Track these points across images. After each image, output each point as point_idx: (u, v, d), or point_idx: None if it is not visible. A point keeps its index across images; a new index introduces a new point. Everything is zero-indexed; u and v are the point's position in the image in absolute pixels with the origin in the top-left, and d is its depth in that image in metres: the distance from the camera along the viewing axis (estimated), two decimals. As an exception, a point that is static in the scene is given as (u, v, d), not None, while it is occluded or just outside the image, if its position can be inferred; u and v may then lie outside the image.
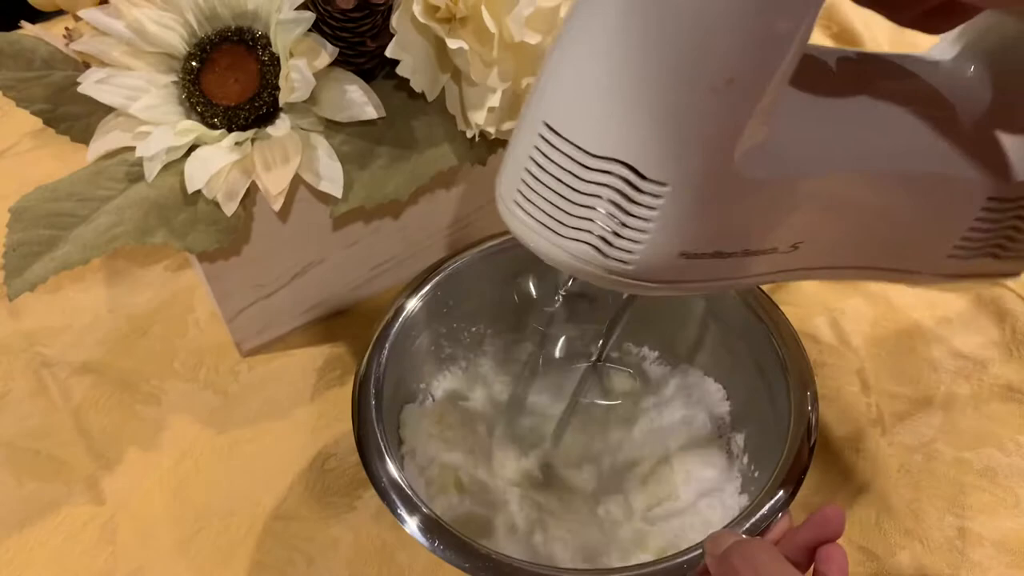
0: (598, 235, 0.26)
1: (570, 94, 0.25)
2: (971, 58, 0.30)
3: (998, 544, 0.41)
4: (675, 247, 0.26)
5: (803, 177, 0.27)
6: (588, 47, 0.25)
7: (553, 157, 0.25)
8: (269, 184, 0.40)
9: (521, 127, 0.27)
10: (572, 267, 0.27)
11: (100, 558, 0.42)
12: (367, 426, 0.36)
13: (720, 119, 0.24)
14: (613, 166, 0.24)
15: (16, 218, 0.40)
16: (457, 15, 0.40)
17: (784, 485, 0.34)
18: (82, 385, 0.49)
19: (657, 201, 0.25)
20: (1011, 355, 0.48)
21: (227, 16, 0.41)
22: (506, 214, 0.27)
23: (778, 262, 0.29)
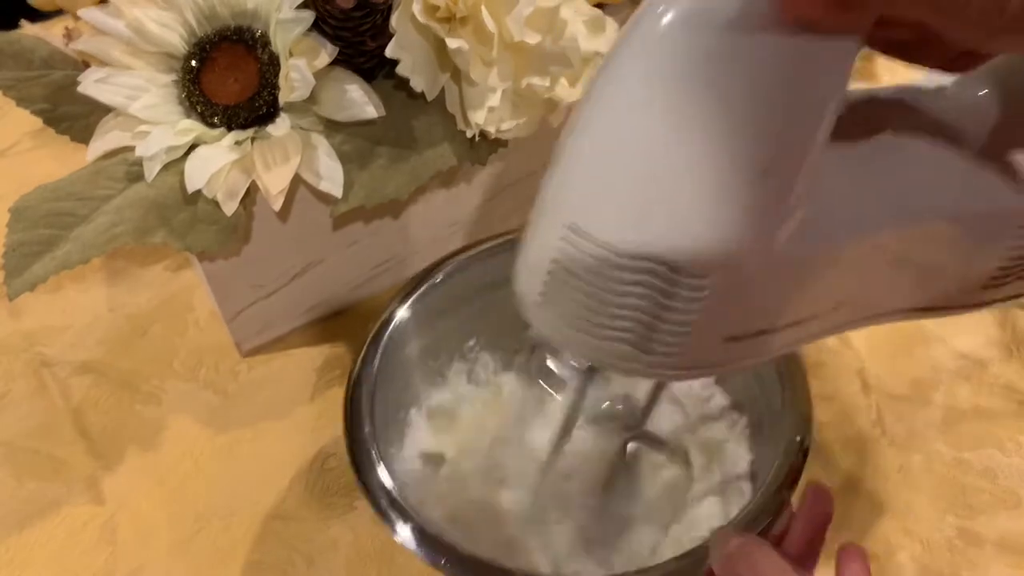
0: (637, 334, 0.24)
1: (592, 193, 0.23)
2: (981, 80, 0.29)
3: (998, 544, 0.41)
4: (719, 334, 0.25)
5: (844, 243, 0.25)
6: (605, 145, 0.23)
7: (579, 260, 0.23)
8: (269, 184, 0.40)
9: (539, 224, 0.25)
10: (610, 365, 0.25)
11: (100, 558, 0.42)
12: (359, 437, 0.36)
13: (757, 209, 0.22)
14: (647, 264, 0.23)
15: (16, 218, 0.40)
16: (457, 15, 0.40)
17: (779, 491, 0.34)
18: (82, 385, 0.49)
19: (697, 294, 0.23)
20: (1011, 355, 0.48)
21: (227, 15, 0.41)
22: (530, 315, 0.26)
23: (820, 324, 0.27)
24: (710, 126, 0.22)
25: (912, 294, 0.30)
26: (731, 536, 0.31)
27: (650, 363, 0.25)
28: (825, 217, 0.25)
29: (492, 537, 0.38)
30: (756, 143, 0.22)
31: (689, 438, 0.41)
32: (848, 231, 0.26)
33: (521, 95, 0.43)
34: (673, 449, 0.41)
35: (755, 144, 0.22)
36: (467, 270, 0.42)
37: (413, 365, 0.42)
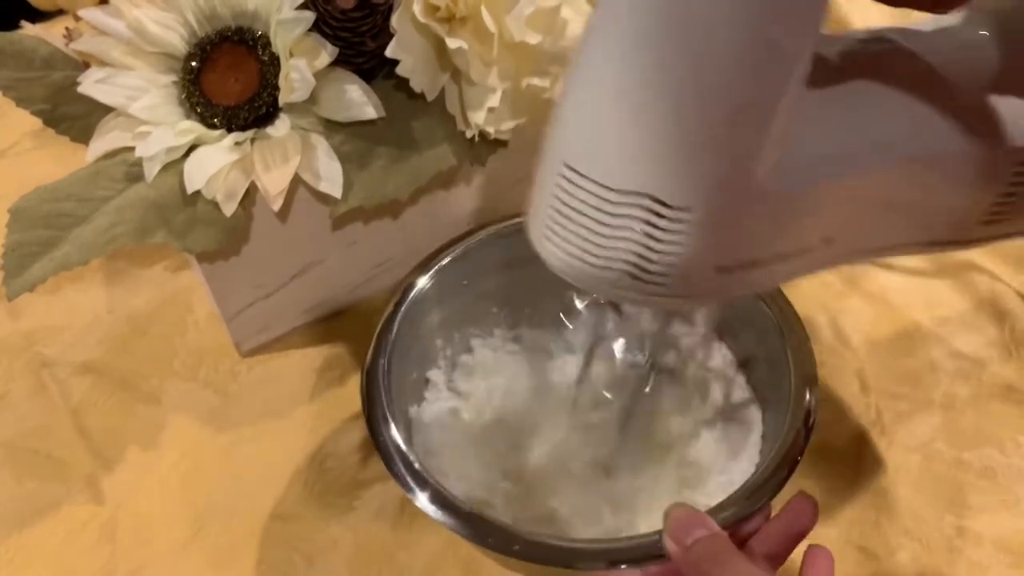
0: (631, 262, 0.26)
1: (586, 132, 0.25)
2: (980, 21, 0.29)
3: (998, 544, 0.41)
4: (709, 263, 0.26)
5: (826, 180, 0.27)
6: (600, 84, 0.25)
7: (577, 195, 0.25)
8: (269, 184, 0.40)
9: (543, 166, 0.27)
10: (611, 293, 0.27)
11: (100, 558, 0.42)
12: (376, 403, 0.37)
13: (737, 144, 0.24)
14: (637, 199, 0.25)
15: (16, 218, 0.40)
16: (457, 15, 0.40)
17: (779, 467, 0.34)
18: (82, 385, 0.49)
19: (684, 226, 0.25)
20: (1011, 355, 0.48)
21: (227, 16, 0.41)
22: (539, 248, 0.28)
23: (813, 258, 0.29)
24: (688, 68, 0.23)
25: (907, 230, 0.30)
26: (692, 522, 0.30)
27: (646, 291, 0.26)
28: (807, 154, 0.26)
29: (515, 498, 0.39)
30: (732, 82, 0.23)
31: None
32: (832, 168, 0.27)
33: (521, 95, 0.43)
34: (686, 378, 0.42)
35: (731, 83, 0.23)
36: (489, 246, 0.43)
37: (433, 334, 0.43)
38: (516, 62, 0.42)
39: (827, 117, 0.27)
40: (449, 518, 0.33)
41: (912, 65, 0.28)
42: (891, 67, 0.28)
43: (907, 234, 0.30)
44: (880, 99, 0.28)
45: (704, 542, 0.29)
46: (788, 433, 0.35)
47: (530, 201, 0.28)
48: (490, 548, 0.33)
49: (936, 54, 0.29)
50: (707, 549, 0.29)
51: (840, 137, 0.27)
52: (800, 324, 0.39)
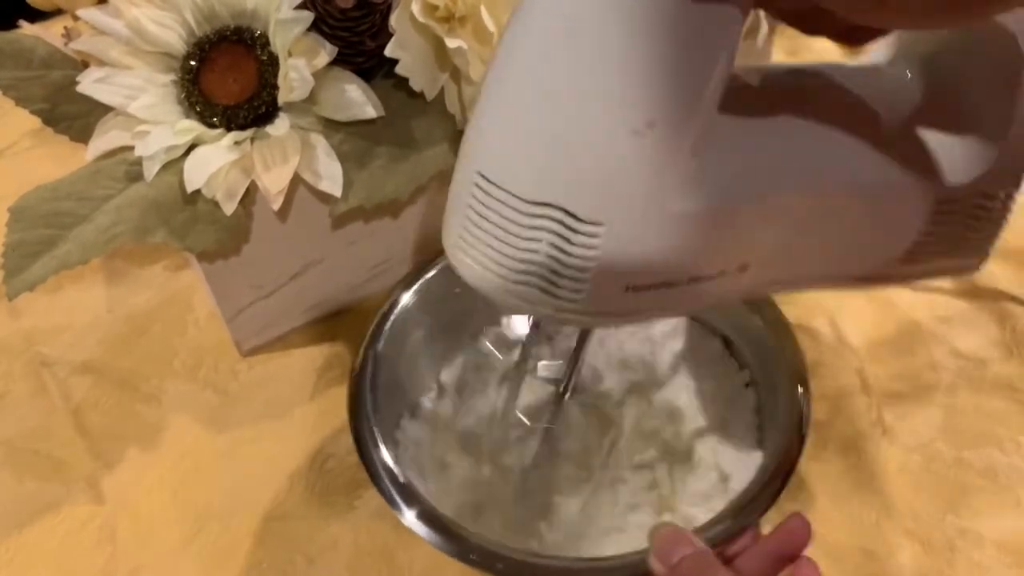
0: (543, 276, 0.26)
1: (498, 142, 0.25)
2: (907, 63, 0.30)
3: (998, 544, 0.41)
4: (620, 282, 0.26)
5: (738, 203, 0.26)
6: (511, 95, 0.25)
7: (489, 205, 0.25)
8: (268, 183, 0.40)
9: (457, 175, 0.27)
10: (523, 308, 0.27)
11: (100, 558, 0.42)
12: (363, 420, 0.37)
13: (645, 160, 0.24)
14: (548, 210, 0.25)
15: (16, 218, 0.40)
16: (456, 14, 0.40)
17: (772, 480, 0.34)
18: (82, 385, 0.49)
19: (595, 240, 0.25)
20: (1011, 355, 0.48)
21: (226, 15, 0.41)
22: (453, 260, 0.28)
23: (729, 283, 0.28)
24: (599, 82, 0.23)
25: (825, 263, 0.30)
26: (676, 541, 0.30)
27: (557, 307, 0.26)
28: (721, 177, 0.26)
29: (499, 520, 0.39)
30: (643, 98, 0.23)
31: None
32: (745, 193, 0.26)
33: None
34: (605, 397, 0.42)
35: (642, 100, 0.23)
36: None
37: (419, 351, 0.43)
38: (516, 61, 0.42)
39: (744, 142, 0.27)
40: (434, 535, 0.33)
41: (837, 98, 0.29)
42: (815, 98, 0.28)
43: (825, 267, 0.30)
44: (800, 129, 0.28)
45: (689, 559, 0.29)
46: (782, 443, 0.35)
47: (446, 214, 0.28)
48: (472, 565, 0.33)
49: (862, 90, 0.29)
50: (692, 565, 0.29)
51: (755, 163, 0.27)
52: (790, 332, 0.39)
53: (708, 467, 0.39)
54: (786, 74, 0.29)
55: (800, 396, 0.37)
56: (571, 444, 0.40)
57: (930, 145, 0.29)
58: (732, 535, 0.33)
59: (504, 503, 0.39)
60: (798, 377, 0.38)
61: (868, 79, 0.30)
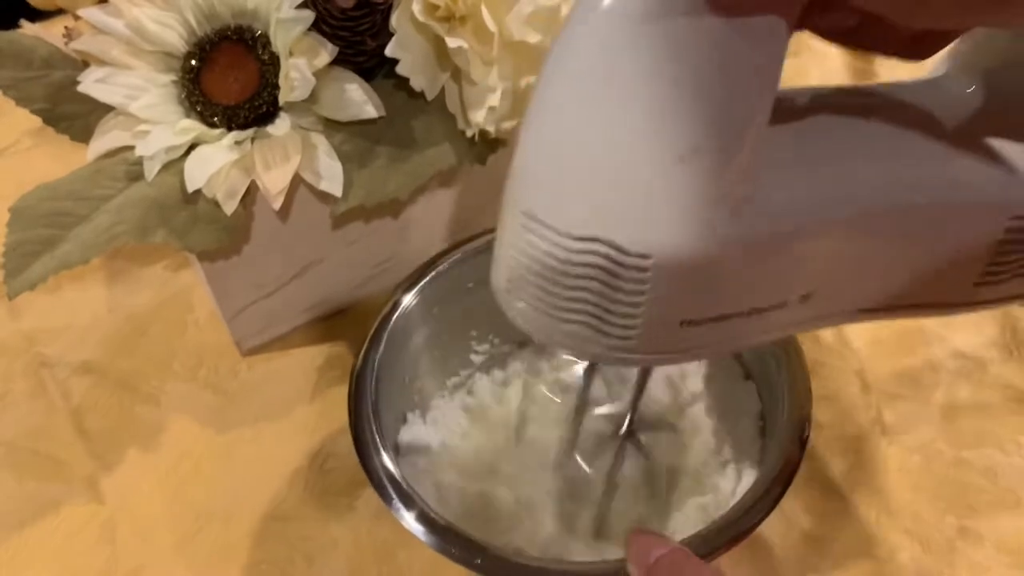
0: (593, 315, 0.25)
1: (542, 179, 0.25)
2: (968, 75, 0.29)
3: (998, 544, 0.41)
4: (674, 317, 0.25)
5: (795, 228, 0.25)
6: (551, 129, 0.24)
7: (535, 244, 0.25)
8: (269, 183, 0.40)
9: (503, 219, 0.26)
10: (575, 349, 0.26)
11: (100, 558, 0.42)
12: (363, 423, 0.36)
13: (691, 187, 0.23)
14: (595, 245, 0.24)
15: (16, 217, 0.40)
16: (457, 14, 0.40)
17: (774, 483, 0.34)
18: (82, 385, 0.49)
19: (644, 274, 0.24)
20: (1011, 355, 0.48)
21: (226, 15, 0.41)
22: (503, 304, 0.27)
23: (790, 315, 0.27)
24: (640, 109, 0.23)
25: (893, 289, 0.29)
26: (651, 543, 0.30)
27: (609, 346, 0.26)
28: (777, 202, 0.25)
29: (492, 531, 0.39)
30: (685, 124, 0.23)
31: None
32: (800, 217, 0.26)
33: (521, 95, 0.43)
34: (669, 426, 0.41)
35: (685, 125, 0.23)
36: (471, 260, 0.42)
37: (419, 353, 0.42)
38: (516, 61, 0.42)
39: (798, 165, 0.26)
40: (436, 539, 0.33)
41: (896, 113, 0.28)
42: (874, 114, 0.27)
43: (895, 295, 0.29)
44: (857, 147, 0.27)
45: (665, 558, 0.29)
46: (782, 452, 0.35)
47: (494, 255, 0.27)
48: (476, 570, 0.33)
49: (921, 104, 0.28)
50: (669, 564, 0.29)
51: (811, 186, 0.26)
52: (793, 338, 0.39)
53: (711, 477, 0.39)
54: (837, 93, 0.28)
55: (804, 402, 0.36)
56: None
57: (998, 159, 0.27)
58: (731, 541, 0.33)
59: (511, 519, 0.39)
60: (802, 385, 0.37)
61: (927, 94, 0.28)
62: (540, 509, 0.39)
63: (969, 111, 0.28)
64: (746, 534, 0.33)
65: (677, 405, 0.42)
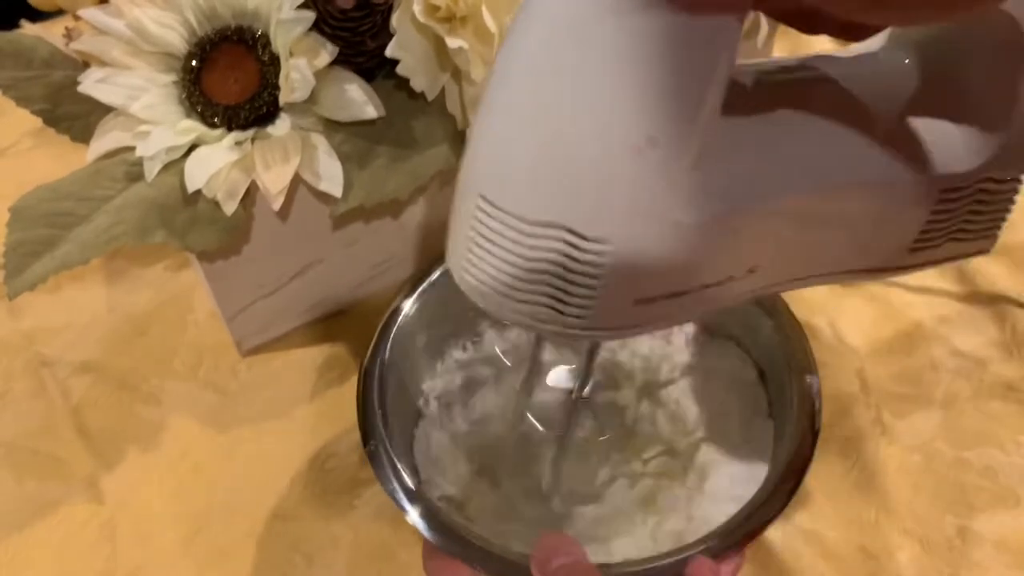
0: (550, 296, 0.25)
1: (498, 164, 0.25)
2: (904, 49, 0.29)
3: (998, 544, 0.41)
4: (628, 296, 0.26)
5: (743, 208, 0.26)
6: (508, 116, 0.25)
7: (492, 227, 0.25)
8: (269, 183, 0.40)
9: (458, 198, 0.26)
10: (531, 326, 0.27)
11: (100, 558, 0.42)
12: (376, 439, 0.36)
13: (647, 177, 0.24)
14: (552, 231, 0.24)
15: (16, 218, 0.40)
16: (457, 14, 0.40)
17: (786, 478, 0.34)
18: (82, 385, 0.49)
19: (601, 258, 0.25)
20: (1011, 355, 0.48)
21: (227, 15, 0.41)
22: (458, 281, 0.27)
23: (738, 287, 0.28)
24: (597, 100, 0.23)
25: (836, 257, 0.30)
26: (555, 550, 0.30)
27: (567, 324, 0.26)
28: (724, 185, 0.26)
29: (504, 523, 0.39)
30: (642, 115, 0.23)
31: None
32: (748, 197, 0.26)
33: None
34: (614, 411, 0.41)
35: (641, 116, 0.23)
36: None
37: (423, 354, 0.42)
38: (516, 62, 0.42)
39: (743, 145, 0.26)
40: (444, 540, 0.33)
41: (833, 92, 0.28)
42: (812, 94, 0.28)
43: (834, 263, 0.30)
44: (799, 126, 0.27)
45: (566, 569, 0.29)
46: (793, 445, 0.35)
47: (448, 234, 0.27)
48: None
49: (858, 80, 0.28)
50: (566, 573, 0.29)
51: (757, 165, 0.27)
52: (801, 330, 0.39)
53: (720, 471, 0.39)
54: (779, 70, 0.29)
55: (813, 394, 0.37)
56: (584, 448, 0.40)
57: (932, 133, 0.28)
58: (739, 542, 0.33)
59: (516, 509, 0.39)
60: (808, 379, 0.37)
61: (864, 68, 0.29)
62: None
63: (905, 84, 0.29)
64: (762, 529, 0.33)
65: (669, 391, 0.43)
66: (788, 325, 0.39)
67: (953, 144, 0.28)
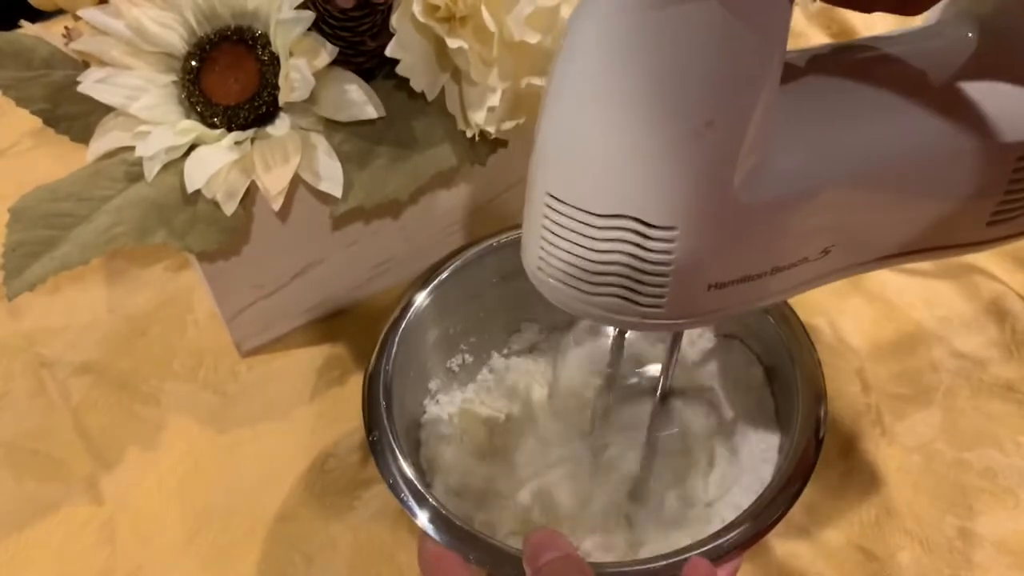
0: (624, 287, 0.26)
1: (563, 160, 0.26)
2: (965, 23, 0.29)
3: (998, 544, 0.41)
4: (701, 282, 0.26)
5: (810, 189, 0.27)
6: (569, 112, 0.25)
7: (563, 223, 0.26)
8: (269, 184, 0.40)
9: (528, 198, 0.27)
10: (609, 319, 0.27)
11: (100, 558, 0.42)
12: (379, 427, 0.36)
13: (709, 160, 0.24)
14: (620, 221, 0.25)
15: (16, 218, 0.40)
16: (457, 14, 0.40)
17: (790, 482, 0.34)
18: (81, 385, 0.49)
19: (670, 245, 0.25)
20: (1011, 355, 0.48)
21: (227, 15, 0.41)
22: (535, 281, 0.28)
23: (813, 269, 0.28)
24: (654, 88, 0.24)
25: (909, 236, 0.30)
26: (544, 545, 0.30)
27: (642, 314, 0.27)
28: (789, 165, 0.26)
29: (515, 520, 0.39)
30: (699, 100, 0.24)
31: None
32: (813, 177, 0.27)
33: (521, 95, 0.43)
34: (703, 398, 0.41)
35: (699, 101, 0.24)
36: (483, 260, 0.42)
37: (429, 353, 0.42)
38: (516, 62, 0.42)
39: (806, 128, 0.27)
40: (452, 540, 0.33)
41: (894, 66, 0.29)
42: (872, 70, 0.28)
43: (910, 240, 0.30)
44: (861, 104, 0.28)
45: (556, 562, 0.29)
46: (799, 446, 0.35)
47: (523, 235, 0.28)
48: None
49: (919, 54, 0.29)
50: (557, 569, 0.29)
51: (821, 146, 0.27)
52: (806, 335, 0.39)
53: (726, 474, 0.39)
54: (835, 51, 0.29)
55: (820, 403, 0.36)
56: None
57: (1000, 101, 0.28)
58: (737, 547, 0.33)
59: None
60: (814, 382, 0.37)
61: (924, 42, 0.29)
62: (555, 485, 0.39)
63: (967, 56, 0.29)
64: (760, 536, 0.33)
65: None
66: (795, 327, 0.39)
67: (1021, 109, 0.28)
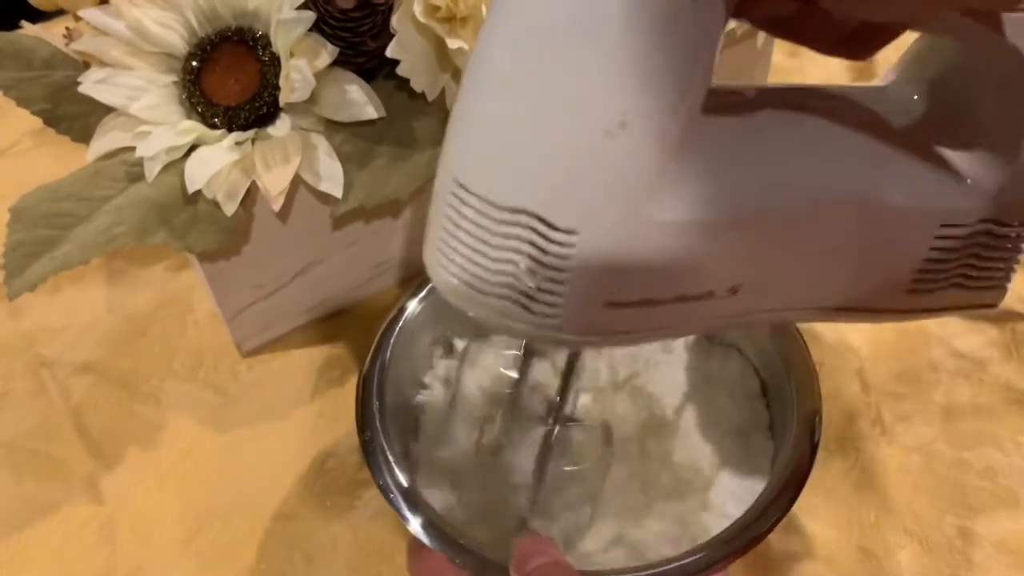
0: (520, 290, 0.24)
1: (473, 147, 0.24)
2: (913, 85, 0.29)
3: (998, 544, 0.41)
4: (599, 297, 0.25)
5: (722, 217, 0.25)
6: (484, 98, 0.24)
7: (465, 213, 0.24)
8: (269, 184, 0.40)
9: (436, 186, 0.26)
10: (502, 326, 0.26)
11: (100, 558, 0.42)
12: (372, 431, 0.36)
13: (620, 164, 0.23)
14: (522, 217, 0.23)
15: (16, 218, 0.40)
16: (458, 15, 0.40)
17: (785, 490, 0.34)
18: (81, 385, 0.49)
19: (570, 250, 0.24)
20: (1011, 355, 0.48)
21: (227, 16, 0.41)
22: (431, 273, 0.27)
23: (720, 307, 0.27)
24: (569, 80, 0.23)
25: (828, 289, 0.29)
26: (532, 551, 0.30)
27: (536, 324, 0.25)
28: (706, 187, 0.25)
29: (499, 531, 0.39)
30: (614, 98, 0.22)
31: None
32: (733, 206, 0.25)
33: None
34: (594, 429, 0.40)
35: (614, 99, 0.22)
36: None
37: (423, 354, 0.42)
38: (516, 62, 0.42)
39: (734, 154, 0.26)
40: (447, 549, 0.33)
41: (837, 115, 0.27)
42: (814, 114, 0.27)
43: (826, 295, 0.29)
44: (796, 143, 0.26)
45: (545, 568, 0.29)
46: (794, 454, 0.35)
47: (426, 228, 0.27)
48: None
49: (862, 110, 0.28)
50: (544, 573, 0.29)
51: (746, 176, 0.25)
52: (799, 337, 0.39)
53: (718, 485, 0.39)
54: (785, 90, 0.28)
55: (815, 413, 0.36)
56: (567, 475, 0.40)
57: (933, 164, 0.28)
58: (725, 557, 0.33)
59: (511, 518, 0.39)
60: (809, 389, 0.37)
61: (871, 98, 0.29)
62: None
63: (911, 118, 0.28)
64: (762, 538, 0.33)
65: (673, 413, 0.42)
66: (789, 335, 0.39)
67: (956, 179, 0.27)
